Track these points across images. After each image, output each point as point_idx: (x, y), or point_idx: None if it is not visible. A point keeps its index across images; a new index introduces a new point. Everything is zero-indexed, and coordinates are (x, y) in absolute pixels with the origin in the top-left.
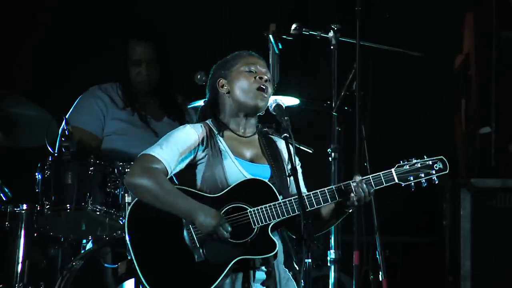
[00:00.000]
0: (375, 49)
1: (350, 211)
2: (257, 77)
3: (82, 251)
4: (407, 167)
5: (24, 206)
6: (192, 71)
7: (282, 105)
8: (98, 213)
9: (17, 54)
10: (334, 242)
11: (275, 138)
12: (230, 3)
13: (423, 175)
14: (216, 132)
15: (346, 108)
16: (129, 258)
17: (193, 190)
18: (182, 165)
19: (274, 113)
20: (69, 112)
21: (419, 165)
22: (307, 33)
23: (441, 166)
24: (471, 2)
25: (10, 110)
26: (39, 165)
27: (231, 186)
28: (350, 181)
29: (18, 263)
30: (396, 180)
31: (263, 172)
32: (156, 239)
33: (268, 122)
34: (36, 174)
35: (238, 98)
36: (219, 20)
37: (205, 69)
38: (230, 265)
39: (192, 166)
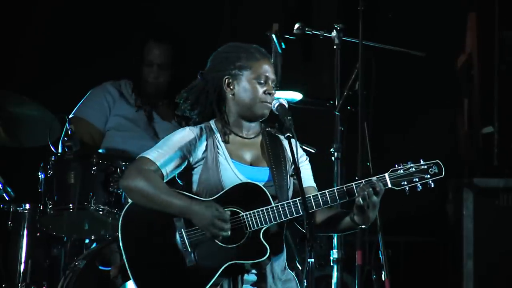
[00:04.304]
0: (378, 48)
1: (360, 226)
2: (266, 91)
3: (85, 251)
4: (402, 171)
5: (27, 206)
6: (193, 71)
7: (285, 104)
8: (100, 212)
9: (20, 54)
10: (336, 242)
11: (282, 137)
12: (232, 3)
13: (417, 179)
14: (219, 137)
15: (349, 107)
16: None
17: (188, 194)
18: (180, 168)
19: (277, 113)
20: (78, 104)
21: (413, 170)
22: (310, 33)
23: (436, 170)
24: (473, 1)
25: (13, 110)
26: (41, 164)
27: (225, 190)
28: (348, 184)
29: (20, 262)
30: (389, 185)
31: (261, 175)
32: (149, 243)
33: (271, 122)
34: (39, 173)
35: (244, 105)
36: (222, 19)
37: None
38: (221, 270)
39: (189, 168)
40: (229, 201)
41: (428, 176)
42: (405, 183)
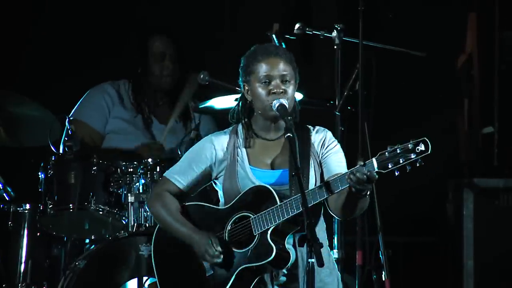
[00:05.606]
0: (378, 48)
1: (365, 194)
2: (271, 91)
3: (85, 250)
4: (387, 154)
5: (27, 206)
6: (194, 71)
7: (286, 105)
8: (101, 212)
9: (20, 54)
10: (337, 242)
11: (313, 128)
12: (233, 3)
13: (403, 160)
14: (242, 141)
15: (349, 107)
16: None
17: (207, 204)
18: (202, 179)
19: (278, 113)
20: (76, 105)
21: (399, 151)
22: (310, 33)
23: (423, 148)
24: (473, 1)
25: (14, 110)
26: (42, 164)
27: (239, 195)
28: (337, 176)
29: (21, 262)
30: (376, 169)
31: (282, 178)
32: (175, 256)
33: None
34: (39, 173)
35: (258, 108)
36: (222, 19)
37: (208, 69)
38: (234, 276)
39: (216, 177)
40: (241, 206)
41: (414, 155)
42: (392, 165)
